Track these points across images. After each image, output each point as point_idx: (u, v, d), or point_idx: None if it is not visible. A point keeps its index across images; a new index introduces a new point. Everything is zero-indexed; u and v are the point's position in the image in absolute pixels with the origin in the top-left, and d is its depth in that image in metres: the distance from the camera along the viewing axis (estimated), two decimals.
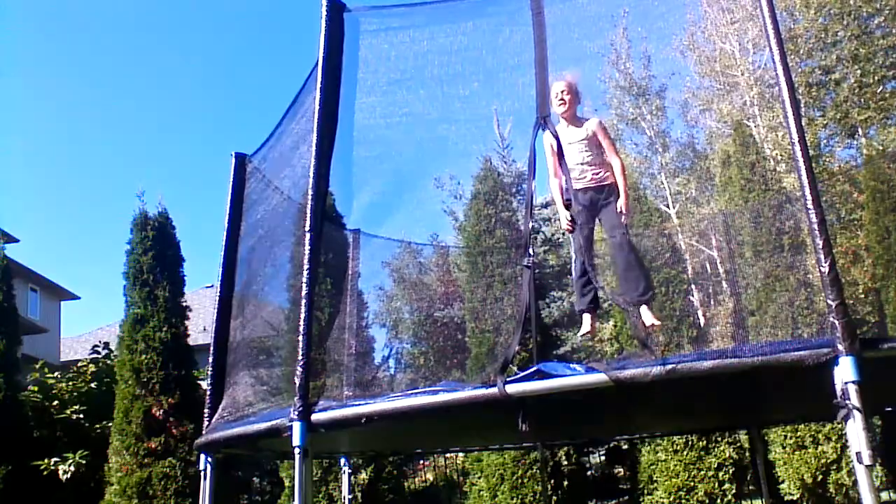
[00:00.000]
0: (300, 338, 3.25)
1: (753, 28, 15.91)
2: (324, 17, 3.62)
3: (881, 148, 13.68)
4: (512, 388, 2.95)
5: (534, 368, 3.10)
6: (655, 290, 7.41)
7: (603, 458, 12.51)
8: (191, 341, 8.74)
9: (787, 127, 2.83)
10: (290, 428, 3.16)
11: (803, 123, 2.85)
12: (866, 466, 2.43)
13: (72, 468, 8.53)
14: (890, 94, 15.40)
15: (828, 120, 16.29)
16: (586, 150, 4.34)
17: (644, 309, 4.15)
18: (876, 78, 15.21)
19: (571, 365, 3.30)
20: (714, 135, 18.04)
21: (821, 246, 2.66)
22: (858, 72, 15.37)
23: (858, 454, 2.43)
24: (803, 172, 2.73)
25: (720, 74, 17.42)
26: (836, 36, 15.77)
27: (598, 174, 4.33)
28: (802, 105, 15.04)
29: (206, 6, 48.98)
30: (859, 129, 15.94)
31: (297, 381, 3.21)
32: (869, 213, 9.08)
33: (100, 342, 11.05)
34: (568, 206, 4.16)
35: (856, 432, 2.44)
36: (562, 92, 4.39)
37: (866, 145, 14.98)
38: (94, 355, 10.76)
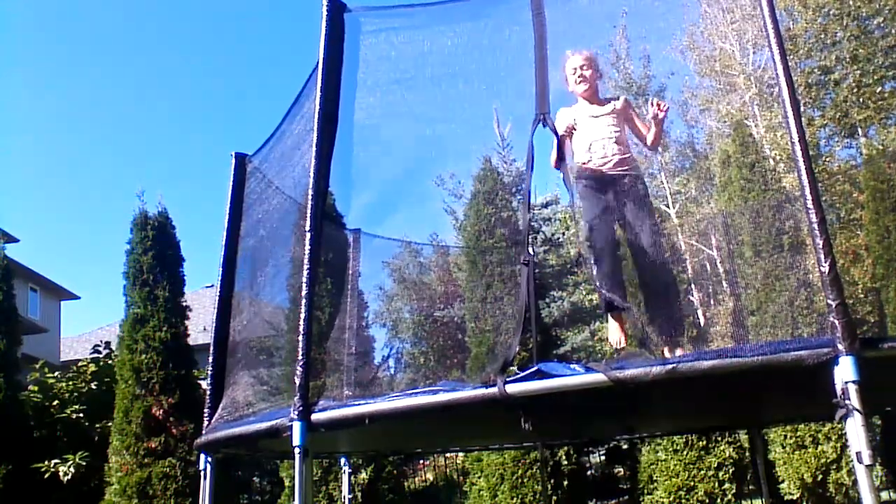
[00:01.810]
0: (300, 338, 3.25)
1: (753, 28, 15.90)
2: (324, 17, 3.61)
3: (881, 148, 13.67)
4: (512, 388, 2.94)
5: (534, 368, 3.09)
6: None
7: (603, 458, 12.50)
8: (191, 341, 8.75)
9: (787, 127, 2.81)
10: (290, 428, 3.15)
11: (803, 123, 2.84)
12: (866, 466, 2.42)
13: (72, 469, 8.53)
14: (889, 93, 15.39)
15: (827, 120, 16.29)
16: (614, 125, 3.96)
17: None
18: (875, 78, 15.21)
19: (571, 365, 3.29)
20: (714, 135, 18.03)
21: (821, 246, 2.65)
22: (858, 72, 15.36)
23: (858, 454, 2.42)
24: (803, 172, 2.72)
25: (720, 74, 17.42)
26: (835, 36, 15.77)
27: (625, 156, 3.95)
28: (802, 105, 15.03)
29: (207, 5, 48.98)
30: (859, 129, 15.94)
31: (297, 380, 3.20)
32: (869, 212, 9.07)
33: (100, 342, 11.05)
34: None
35: (856, 432, 2.43)
36: (581, 67, 4.01)
37: (866, 145, 14.98)
38: (95, 355, 10.76)
